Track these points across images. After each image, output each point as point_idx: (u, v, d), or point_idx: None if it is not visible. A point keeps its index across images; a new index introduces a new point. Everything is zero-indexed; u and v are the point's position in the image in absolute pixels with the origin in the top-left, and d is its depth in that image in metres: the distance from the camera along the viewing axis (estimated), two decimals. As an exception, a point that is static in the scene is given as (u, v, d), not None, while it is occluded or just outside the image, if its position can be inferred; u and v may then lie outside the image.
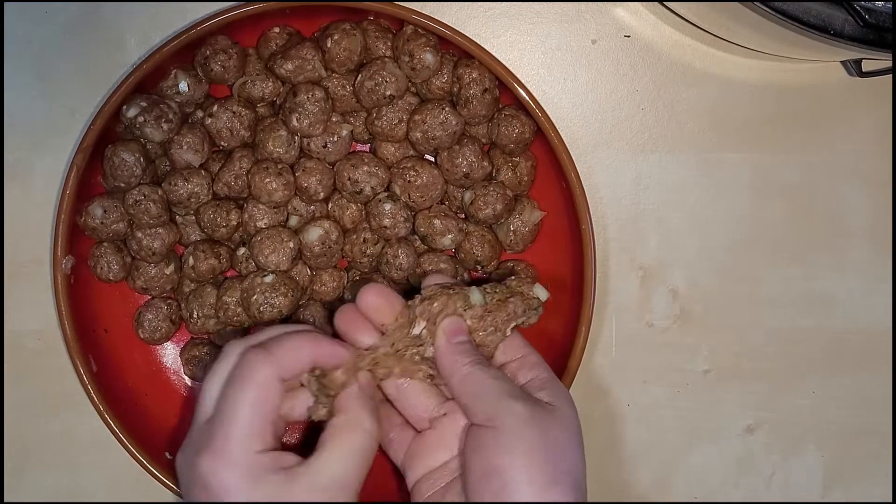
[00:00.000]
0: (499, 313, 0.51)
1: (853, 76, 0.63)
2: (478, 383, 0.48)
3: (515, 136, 0.60)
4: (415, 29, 0.60)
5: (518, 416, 0.46)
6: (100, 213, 0.60)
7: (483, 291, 0.52)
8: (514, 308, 0.52)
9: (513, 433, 0.46)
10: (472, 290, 0.52)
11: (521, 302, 0.52)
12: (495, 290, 0.52)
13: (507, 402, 0.47)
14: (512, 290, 0.52)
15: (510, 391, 0.48)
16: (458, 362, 0.49)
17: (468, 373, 0.49)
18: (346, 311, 0.51)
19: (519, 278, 0.53)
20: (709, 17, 0.60)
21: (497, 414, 0.47)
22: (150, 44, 0.63)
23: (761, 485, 0.67)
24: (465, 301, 0.51)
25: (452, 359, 0.49)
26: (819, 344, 0.66)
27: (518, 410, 0.47)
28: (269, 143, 0.60)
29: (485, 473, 0.46)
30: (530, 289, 0.53)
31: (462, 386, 0.49)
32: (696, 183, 0.65)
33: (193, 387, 0.65)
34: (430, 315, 0.51)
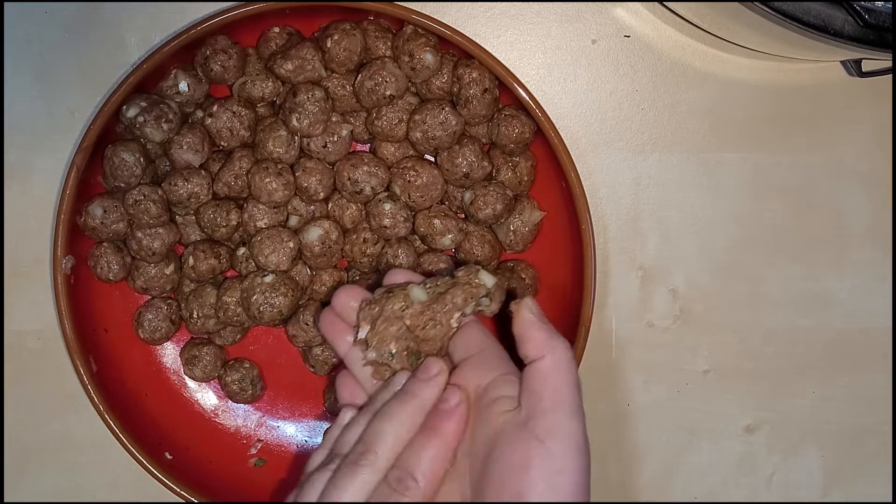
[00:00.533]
0: (437, 305, 0.50)
1: (853, 76, 0.63)
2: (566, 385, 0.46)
3: (515, 136, 0.60)
4: (415, 29, 0.60)
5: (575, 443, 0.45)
6: (100, 213, 0.60)
7: (424, 287, 0.51)
8: (452, 299, 0.50)
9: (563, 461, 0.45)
10: (412, 287, 0.51)
11: (462, 292, 0.51)
12: (436, 284, 0.51)
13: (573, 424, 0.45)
14: (456, 280, 0.51)
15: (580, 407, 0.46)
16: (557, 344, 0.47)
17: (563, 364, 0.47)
18: (325, 317, 0.53)
19: (466, 267, 0.52)
20: (709, 17, 0.60)
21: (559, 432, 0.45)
22: (150, 44, 0.63)
23: (761, 485, 0.67)
24: (406, 300, 0.51)
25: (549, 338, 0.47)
26: (819, 344, 0.66)
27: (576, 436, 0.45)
28: (269, 143, 0.60)
29: (519, 493, 0.45)
30: (475, 276, 0.51)
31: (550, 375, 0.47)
32: (695, 183, 0.65)
33: (194, 387, 0.65)
34: (372, 318, 0.51)
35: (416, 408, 0.48)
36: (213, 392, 0.66)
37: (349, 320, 0.52)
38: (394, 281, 0.52)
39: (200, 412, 0.66)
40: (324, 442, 0.50)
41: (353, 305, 0.52)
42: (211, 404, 0.66)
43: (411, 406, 0.48)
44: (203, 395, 0.66)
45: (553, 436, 0.45)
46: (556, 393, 0.46)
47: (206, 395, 0.66)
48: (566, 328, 0.62)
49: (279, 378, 0.66)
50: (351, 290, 0.52)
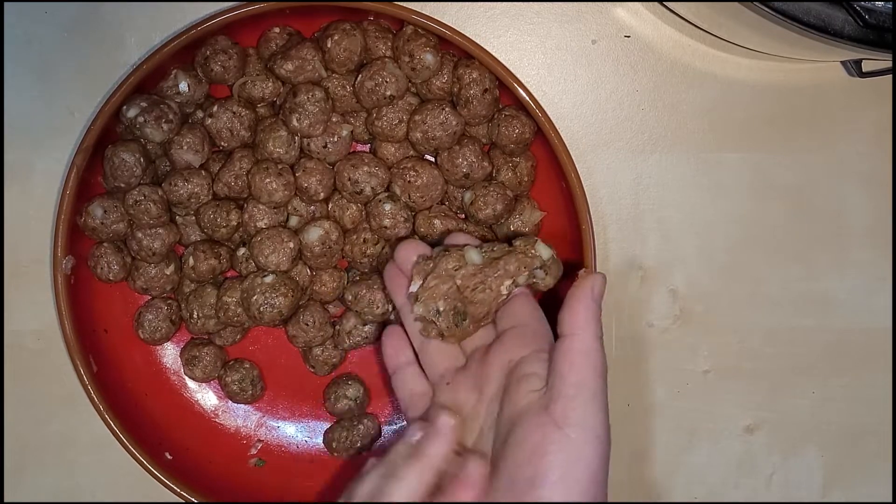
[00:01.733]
0: (489, 270, 0.51)
1: (853, 76, 0.63)
2: (590, 371, 0.47)
3: (515, 136, 0.60)
4: (415, 29, 0.60)
5: (594, 433, 0.46)
6: (100, 214, 0.60)
7: (480, 250, 0.52)
8: (505, 265, 0.51)
9: (581, 450, 0.46)
10: (469, 248, 0.52)
11: (516, 260, 0.51)
12: (493, 249, 0.52)
13: (594, 412, 0.47)
14: (513, 248, 0.52)
15: (603, 397, 0.47)
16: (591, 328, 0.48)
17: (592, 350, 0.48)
18: (388, 270, 0.56)
19: (525, 237, 0.53)
20: (709, 17, 0.60)
21: (578, 420, 0.46)
22: (150, 44, 0.63)
23: (761, 485, 0.67)
24: (459, 260, 0.52)
25: (589, 318, 0.48)
26: (819, 344, 0.66)
27: (596, 426, 0.46)
28: (270, 144, 0.60)
29: (533, 478, 0.45)
30: (532, 247, 0.52)
31: (578, 357, 0.47)
32: (695, 183, 0.65)
33: (194, 387, 0.65)
34: (425, 273, 0.52)
35: (426, 467, 0.47)
36: (213, 392, 0.66)
37: (409, 273, 0.54)
38: (454, 242, 0.54)
39: (200, 412, 0.66)
40: (344, 493, 0.49)
41: (414, 259, 0.54)
42: (211, 404, 0.66)
43: (421, 467, 0.47)
44: (203, 395, 0.66)
45: (572, 423, 0.45)
46: (581, 378, 0.46)
47: (206, 396, 0.66)
48: (566, 328, 0.62)
49: (279, 378, 0.66)
50: (412, 245, 0.55)
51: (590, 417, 0.46)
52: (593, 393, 0.46)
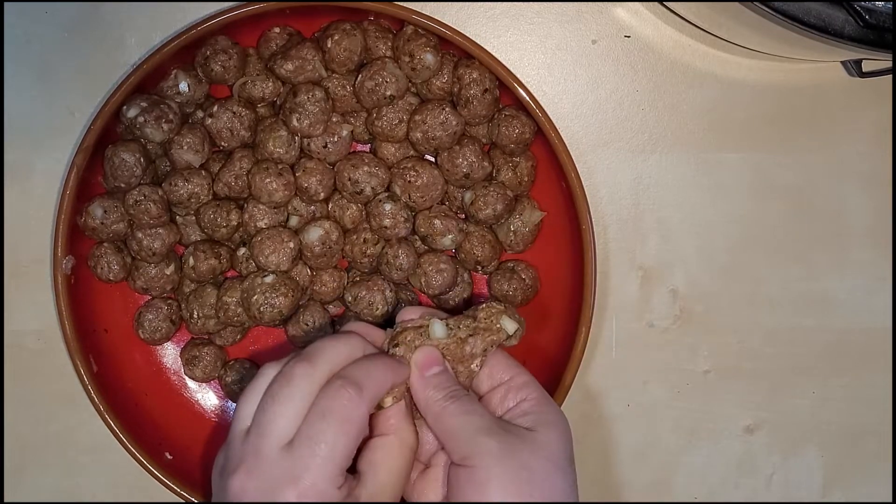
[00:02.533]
0: (456, 352, 0.50)
1: (853, 76, 0.63)
2: (451, 421, 0.47)
3: (515, 136, 0.60)
4: (415, 29, 0.60)
5: (490, 453, 0.46)
6: (100, 214, 0.60)
7: (446, 326, 0.50)
8: (471, 349, 0.50)
9: (486, 470, 0.45)
10: (433, 322, 0.51)
11: (482, 340, 0.50)
12: (458, 327, 0.51)
13: (480, 440, 0.46)
14: (478, 322, 0.51)
15: (482, 427, 0.47)
16: (431, 398, 0.48)
17: (441, 409, 0.48)
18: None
19: (488, 306, 0.51)
20: (709, 17, 0.60)
21: (471, 453, 0.46)
22: (150, 44, 0.63)
23: (761, 485, 0.67)
24: (423, 337, 0.50)
25: (425, 394, 0.49)
26: (819, 344, 0.66)
27: (491, 447, 0.46)
28: (270, 144, 0.60)
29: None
30: (497, 321, 0.51)
31: (437, 424, 0.48)
32: (695, 183, 0.65)
33: (194, 387, 0.65)
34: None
35: (360, 340, 0.49)
36: (213, 392, 0.66)
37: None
38: (409, 318, 0.52)
39: (200, 412, 0.66)
40: (276, 362, 0.50)
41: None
42: (211, 404, 0.66)
43: (357, 336, 0.49)
44: (203, 395, 0.66)
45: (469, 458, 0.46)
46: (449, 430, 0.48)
47: (206, 396, 0.66)
48: (567, 328, 0.62)
49: (279, 378, 0.66)
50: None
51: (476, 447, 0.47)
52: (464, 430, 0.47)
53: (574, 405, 0.65)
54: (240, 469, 0.46)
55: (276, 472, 0.45)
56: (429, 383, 0.49)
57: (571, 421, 0.50)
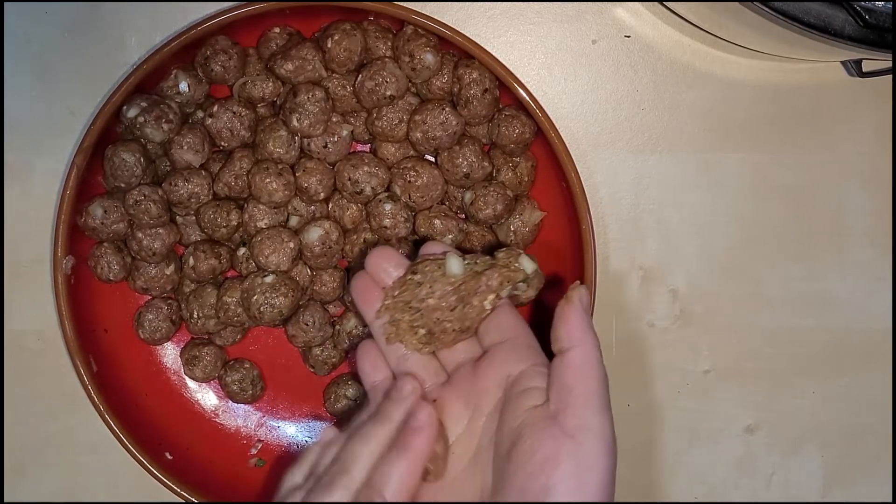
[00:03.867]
0: (472, 284, 0.49)
1: (853, 76, 0.63)
2: (594, 380, 0.47)
3: (515, 136, 0.60)
4: (415, 29, 0.60)
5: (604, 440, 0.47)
6: (100, 214, 0.60)
7: (463, 261, 0.50)
8: (487, 281, 0.49)
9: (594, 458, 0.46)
10: (450, 256, 0.50)
11: (499, 275, 0.49)
12: (475, 261, 0.50)
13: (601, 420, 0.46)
14: (495, 261, 0.50)
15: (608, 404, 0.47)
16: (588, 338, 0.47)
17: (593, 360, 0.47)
18: (359, 281, 0.51)
19: (507, 249, 0.51)
20: (709, 17, 0.60)
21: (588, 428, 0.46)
22: (150, 44, 0.63)
23: (761, 485, 0.67)
24: (441, 269, 0.49)
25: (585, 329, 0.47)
26: (819, 344, 0.66)
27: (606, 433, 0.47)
28: (270, 144, 0.60)
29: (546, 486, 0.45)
30: (516, 260, 0.50)
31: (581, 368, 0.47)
32: (696, 183, 0.65)
33: (194, 387, 0.66)
34: (395, 303, 0.50)
35: (390, 430, 0.47)
36: (213, 392, 0.66)
37: (382, 283, 0.51)
38: (431, 252, 0.51)
39: (200, 412, 0.66)
40: (302, 460, 0.49)
41: (386, 268, 0.50)
42: (211, 404, 0.66)
43: (386, 428, 0.47)
44: (203, 395, 0.66)
45: (584, 432, 0.45)
46: (587, 388, 0.46)
47: (206, 396, 0.66)
48: (566, 328, 0.61)
49: (279, 378, 0.66)
50: (386, 254, 0.51)
51: (600, 426, 0.46)
52: (601, 401, 0.46)
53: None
54: None
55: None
56: (589, 323, 0.48)
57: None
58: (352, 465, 0.46)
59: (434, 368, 0.51)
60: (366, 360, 0.52)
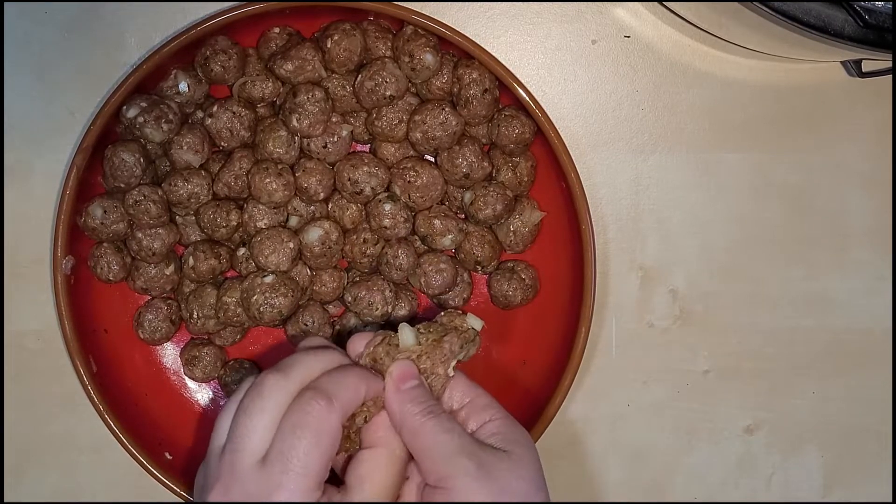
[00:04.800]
0: (435, 353, 0.49)
1: (853, 76, 0.63)
2: (428, 439, 0.46)
3: (515, 136, 0.60)
4: (415, 29, 0.60)
5: (469, 475, 0.44)
6: (100, 214, 0.60)
7: (415, 331, 0.49)
8: (450, 346, 0.49)
9: (465, 493, 0.44)
10: (403, 328, 0.49)
11: (457, 337, 0.49)
12: (429, 330, 0.49)
13: (458, 461, 0.45)
14: (445, 326, 0.50)
15: (461, 447, 0.45)
16: (408, 412, 0.46)
17: (419, 425, 0.46)
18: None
19: (448, 312, 0.51)
20: (709, 17, 0.60)
21: (448, 474, 0.45)
22: (150, 44, 0.63)
23: (761, 485, 0.67)
24: (393, 344, 0.49)
25: (402, 409, 0.47)
26: (819, 344, 0.66)
27: (469, 468, 0.45)
28: (269, 144, 0.60)
29: None
30: (463, 321, 0.50)
31: (413, 441, 0.46)
32: (696, 183, 0.65)
33: (194, 387, 0.66)
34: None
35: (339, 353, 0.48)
36: (213, 392, 0.66)
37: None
38: (355, 347, 0.50)
39: (200, 412, 0.66)
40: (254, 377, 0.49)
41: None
42: (211, 404, 0.66)
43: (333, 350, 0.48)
44: (203, 395, 0.66)
45: (445, 480, 0.45)
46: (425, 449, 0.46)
47: (206, 396, 0.66)
48: (567, 328, 0.62)
49: (279, 378, 0.66)
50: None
51: (452, 469, 0.45)
52: (441, 449, 0.46)
53: (574, 405, 0.65)
54: (216, 487, 0.45)
55: (250, 489, 0.44)
56: (405, 397, 0.47)
57: (571, 422, 0.50)
58: (288, 368, 0.46)
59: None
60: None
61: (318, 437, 0.44)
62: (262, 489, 0.44)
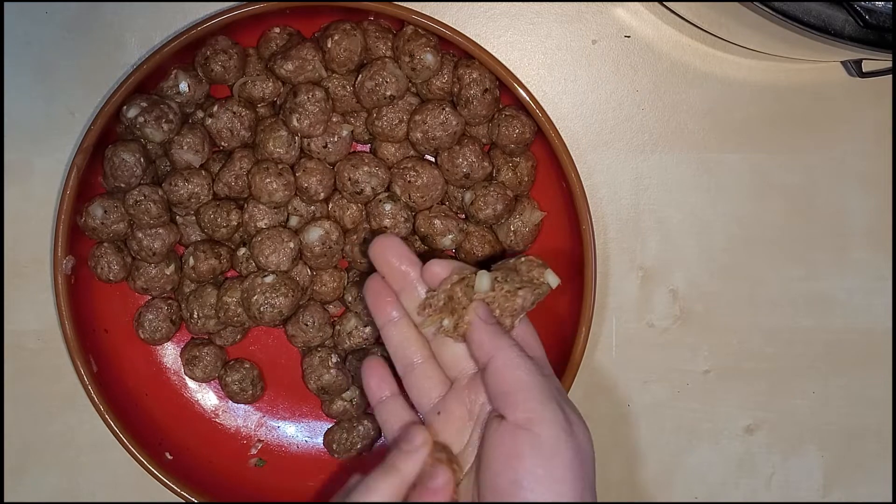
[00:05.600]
0: (507, 305, 0.49)
1: (853, 76, 0.63)
2: (525, 376, 0.46)
3: (516, 136, 0.60)
4: (415, 29, 0.60)
5: (560, 426, 0.45)
6: (100, 214, 0.60)
7: (492, 278, 0.49)
8: (522, 301, 0.49)
9: (555, 445, 0.45)
10: (481, 274, 0.49)
11: (531, 293, 0.49)
12: (506, 279, 0.49)
13: (552, 407, 0.45)
14: (522, 278, 0.49)
15: (553, 395, 0.46)
16: (504, 341, 0.47)
17: (516, 359, 0.46)
18: (373, 282, 0.51)
19: (528, 259, 0.50)
20: (709, 17, 0.60)
21: (542, 418, 0.45)
22: (150, 44, 0.63)
23: (761, 485, 0.67)
24: (470, 286, 0.49)
25: (497, 338, 0.47)
26: (819, 344, 0.66)
27: (560, 420, 0.45)
28: (270, 144, 0.60)
29: (516, 481, 0.45)
30: (541, 273, 0.50)
31: (507, 371, 0.46)
32: (696, 183, 0.65)
33: (194, 387, 0.66)
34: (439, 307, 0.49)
35: (398, 483, 0.47)
36: (213, 392, 0.66)
37: (395, 285, 0.50)
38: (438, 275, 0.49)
39: (201, 412, 0.66)
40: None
41: (404, 269, 0.50)
42: (211, 404, 0.66)
43: (394, 479, 0.47)
44: (203, 395, 0.66)
45: (537, 423, 0.45)
46: (521, 384, 0.46)
47: (206, 396, 0.66)
48: (567, 328, 0.62)
49: (279, 378, 0.66)
50: (390, 245, 0.50)
51: (552, 414, 0.46)
52: (543, 392, 0.46)
53: (574, 405, 0.65)
54: None
55: None
56: (498, 331, 0.47)
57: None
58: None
59: (438, 378, 0.51)
60: (372, 377, 0.52)
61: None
62: None
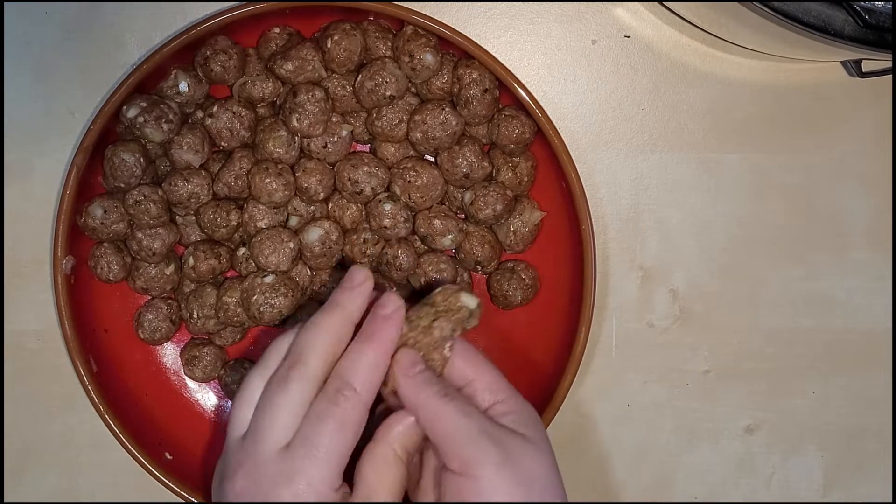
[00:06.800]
0: (425, 341, 0.48)
1: (853, 76, 0.63)
2: (449, 423, 0.45)
3: (515, 136, 0.60)
4: (415, 29, 0.60)
5: (492, 462, 0.44)
6: (100, 214, 0.60)
7: (406, 321, 0.48)
8: (440, 332, 0.48)
9: (490, 481, 0.44)
10: None
11: (448, 322, 0.48)
12: (419, 316, 0.48)
13: (481, 446, 0.44)
14: (437, 308, 0.49)
15: (481, 431, 0.45)
16: (423, 397, 0.46)
17: (436, 409, 0.46)
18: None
19: (444, 289, 0.49)
20: (709, 17, 0.60)
21: (472, 460, 0.44)
22: (150, 44, 0.63)
23: (761, 485, 0.67)
24: None
25: (417, 394, 0.46)
26: (819, 344, 0.66)
27: (493, 456, 0.44)
28: (270, 144, 0.60)
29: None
30: (457, 300, 0.49)
31: (432, 424, 0.46)
32: (695, 183, 0.65)
33: (194, 387, 0.66)
34: None
35: (343, 318, 0.47)
36: (213, 392, 0.66)
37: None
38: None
39: (200, 412, 0.66)
40: (258, 362, 0.49)
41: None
42: (211, 404, 0.66)
43: (338, 316, 0.47)
44: (203, 395, 0.66)
45: (472, 466, 0.45)
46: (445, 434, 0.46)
47: (206, 396, 0.66)
48: (567, 328, 0.62)
49: (279, 378, 0.66)
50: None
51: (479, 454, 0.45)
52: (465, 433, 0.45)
53: (574, 405, 0.65)
54: (237, 473, 0.46)
55: (272, 473, 0.45)
56: (419, 382, 0.47)
57: (571, 422, 0.50)
58: (306, 355, 0.46)
59: None
60: None
61: (345, 427, 0.45)
62: (284, 473, 0.44)
